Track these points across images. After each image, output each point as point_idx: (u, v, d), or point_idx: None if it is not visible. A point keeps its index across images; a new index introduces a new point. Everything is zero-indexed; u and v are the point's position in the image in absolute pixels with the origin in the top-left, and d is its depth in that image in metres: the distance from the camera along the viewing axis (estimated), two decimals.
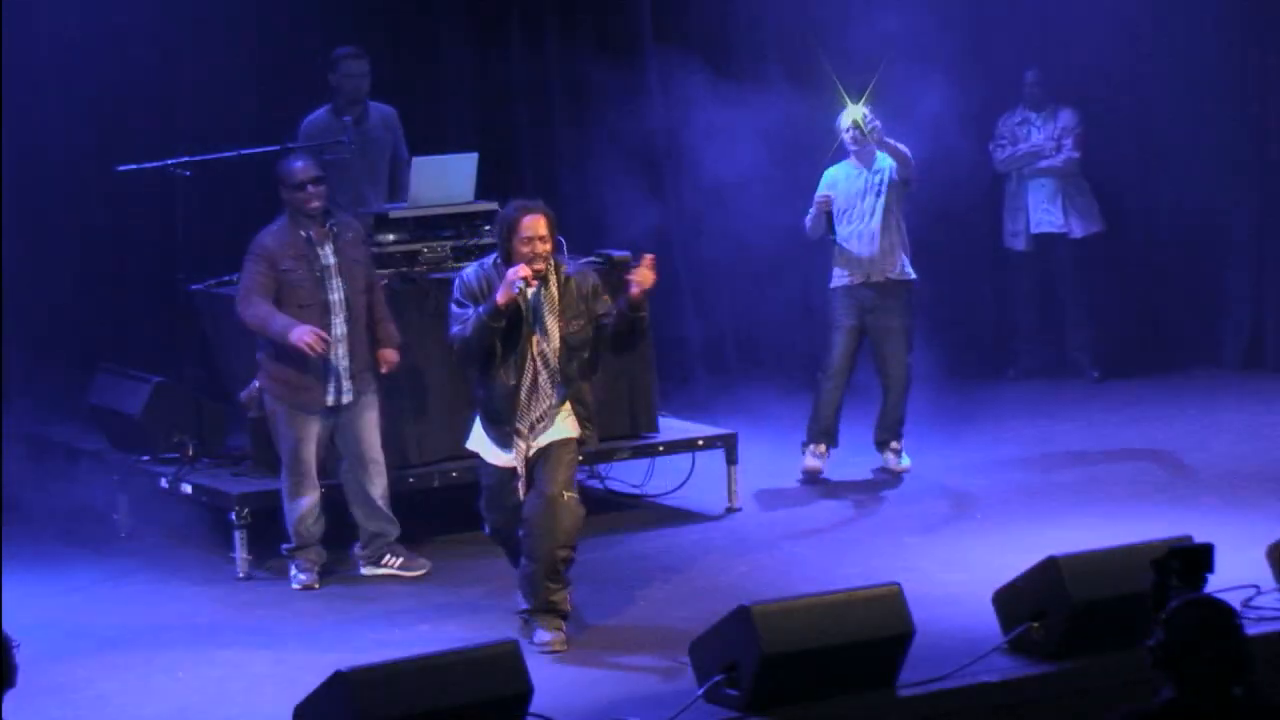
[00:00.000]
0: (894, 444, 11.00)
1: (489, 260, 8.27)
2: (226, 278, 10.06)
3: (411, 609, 8.77)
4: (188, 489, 9.74)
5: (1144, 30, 13.59)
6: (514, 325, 8.10)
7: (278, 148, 10.43)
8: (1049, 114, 13.21)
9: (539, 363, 8.12)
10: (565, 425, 8.23)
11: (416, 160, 10.20)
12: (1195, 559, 5.45)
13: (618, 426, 10.28)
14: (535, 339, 8.11)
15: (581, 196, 12.36)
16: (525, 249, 8.07)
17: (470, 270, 8.30)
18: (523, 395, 8.13)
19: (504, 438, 8.20)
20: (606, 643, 8.24)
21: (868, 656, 7.36)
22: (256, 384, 9.26)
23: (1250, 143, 13.61)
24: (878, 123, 10.70)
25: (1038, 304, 13.52)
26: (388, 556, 9.27)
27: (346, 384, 9.06)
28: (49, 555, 9.76)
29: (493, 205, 10.28)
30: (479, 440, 8.36)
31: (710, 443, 10.50)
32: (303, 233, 9.03)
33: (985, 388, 12.97)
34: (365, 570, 9.29)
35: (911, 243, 11.01)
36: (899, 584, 7.52)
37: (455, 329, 8.18)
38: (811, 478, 10.86)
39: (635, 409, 10.34)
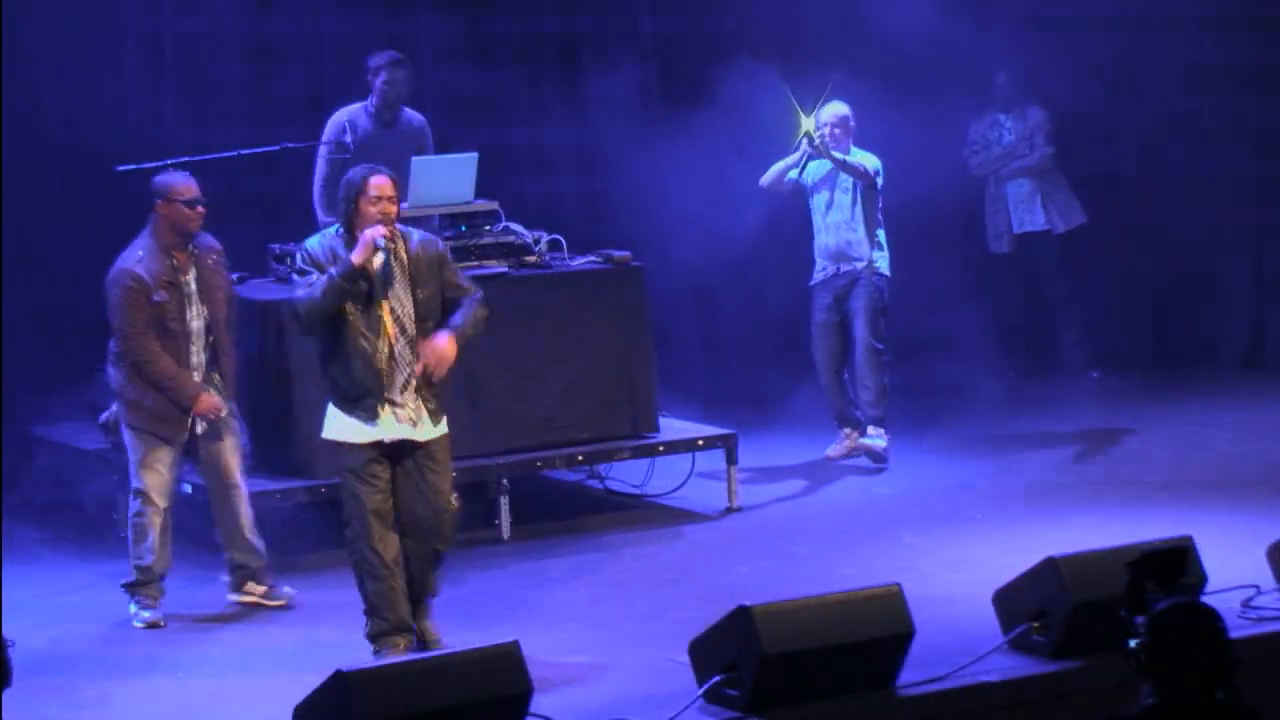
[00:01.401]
0: (870, 428, 11.04)
1: (330, 231, 8.11)
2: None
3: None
4: (188, 489, 9.73)
5: (1142, 28, 13.58)
6: (365, 293, 7.92)
7: (278, 148, 10.45)
8: (1018, 114, 13.23)
9: (395, 329, 7.95)
10: (438, 419, 8.11)
11: (416, 160, 10.21)
12: (1170, 562, 5.44)
13: (618, 426, 10.28)
14: (388, 305, 7.95)
15: (582, 196, 12.37)
16: (374, 209, 7.94)
17: (313, 241, 8.11)
18: (383, 363, 7.93)
19: (368, 412, 7.94)
20: (606, 643, 8.24)
21: (868, 656, 7.36)
22: (115, 408, 8.96)
23: (1250, 141, 13.61)
24: (827, 134, 10.79)
25: (1028, 304, 13.53)
26: (250, 584, 9.00)
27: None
28: (49, 555, 9.76)
29: (493, 205, 10.31)
30: (338, 426, 8.03)
31: (710, 443, 10.50)
32: (170, 260, 8.68)
33: (985, 388, 12.97)
34: (230, 596, 8.99)
35: (900, 244, 11.12)
36: (899, 584, 7.52)
37: (300, 292, 7.93)
38: (835, 459, 11.19)
39: (635, 409, 10.34)
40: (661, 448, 10.37)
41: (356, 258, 7.89)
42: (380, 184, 7.99)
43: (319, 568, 9.32)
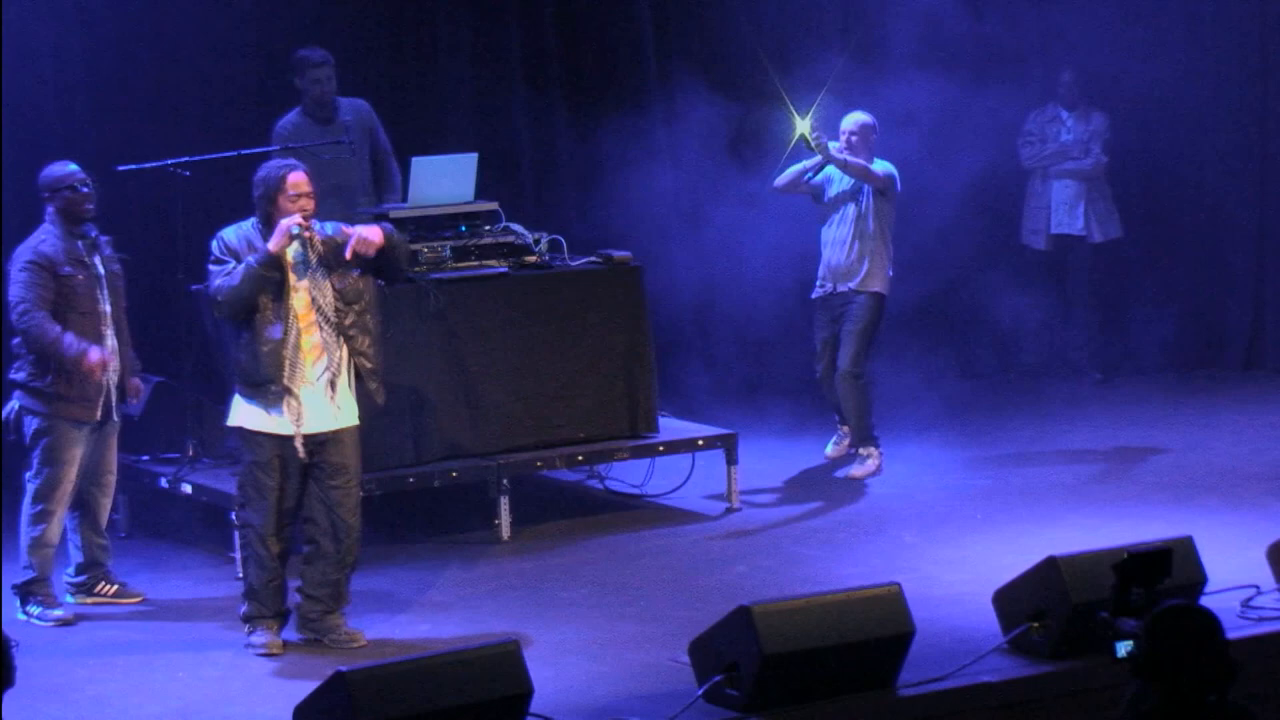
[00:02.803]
0: (859, 449, 11.00)
1: (247, 223, 8.20)
2: None
3: (412, 609, 8.77)
4: (188, 489, 9.75)
5: (1144, 35, 13.59)
6: (277, 282, 8.04)
7: (277, 148, 10.44)
8: (1081, 115, 13.19)
9: (318, 317, 8.07)
10: (351, 409, 8.19)
11: (416, 160, 10.20)
12: (1154, 564, 5.44)
13: (618, 426, 10.28)
14: (307, 296, 8.06)
15: (582, 197, 12.37)
16: (293, 205, 8.07)
17: (228, 231, 8.20)
18: (288, 352, 8.04)
19: (271, 399, 8.05)
20: (606, 643, 8.24)
21: (868, 656, 7.37)
22: (15, 404, 8.76)
23: (1252, 142, 13.61)
24: (843, 142, 10.76)
25: (1046, 302, 13.51)
26: (102, 584, 8.97)
27: (115, 399, 8.76)
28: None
29: (493, 205, 10.31)
30: (246, 413, 8.16)
31: (710, 443, 10.50)
32: (76, 242, 8.68)
33: (987, 387, 12.98)
34: (75, 599, 8.89)
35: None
36: (899, 584, 7.52)
37: (219, 281, 8.04)
38: (835, 458, 11.17)
39: (635, 409, 10.34)
40: (661, 448, 10.37)
41: (274, 245, 8.02)
42: (297, 180, 8.13)
43: None
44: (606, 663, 7.99)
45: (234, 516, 8.21)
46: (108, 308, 8.75)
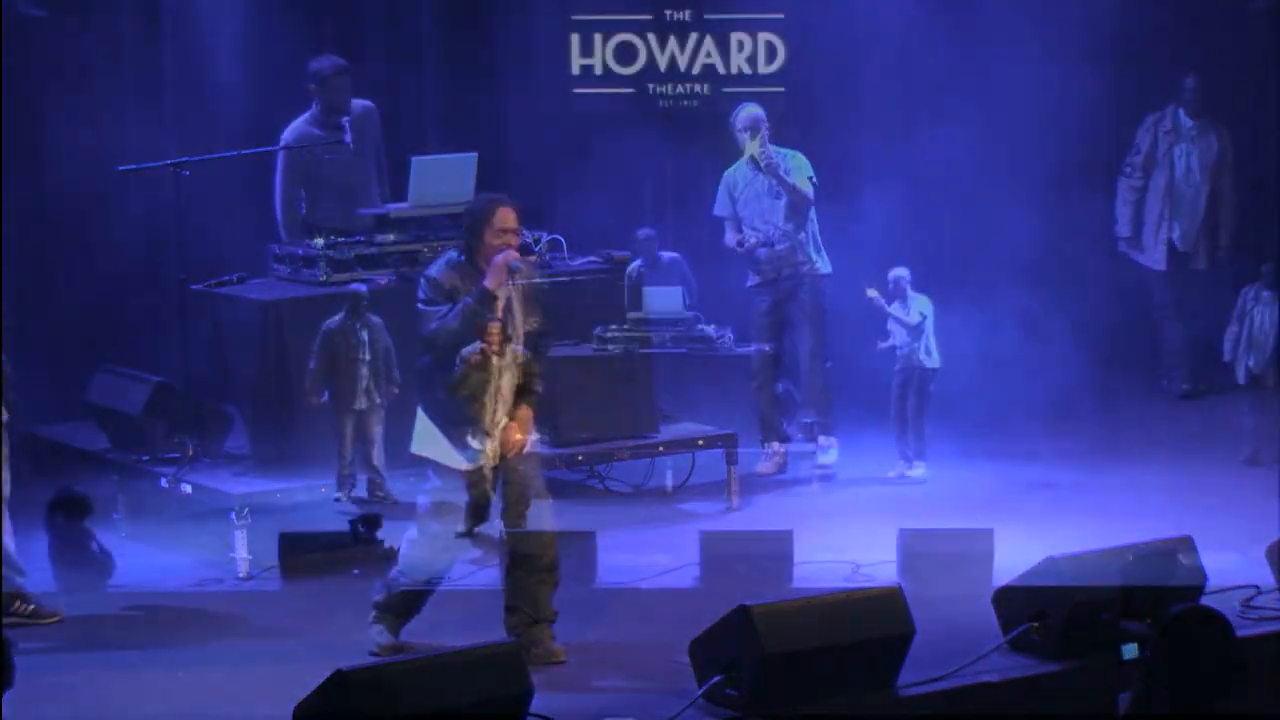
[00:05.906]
0: (822, 437, 10.99)
1: (451, 257, 8.05)
2: (226, 278, 10.07)
3: None
4: (188, 489, 9.74)
5: (1147, 48, 13.60)
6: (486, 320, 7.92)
7: (277, 148, 10.45)
8: (1204, 128, 12.95)
9: (507, 357, 7.96)
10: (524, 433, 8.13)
11: (416, 160, 10.21)
12: (1159, 565, 5.44)
13: (618, 426, 10.27)
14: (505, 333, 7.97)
15: (580, 197, 12.36)
16: (498, 241, 7.90)
17: (435, 269, 8.04)
18: (489, 394, 7.95)
19: (463, 440, 7.96)
20: (607, 643, 8.24)
21: (868, 656, 7.37)
22: None
23: (1250, 142, 13.60)
24: (773, 160, 10.78)
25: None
26: (18, 603, 8.67)
27: None
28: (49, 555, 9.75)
29: None
30: (436, 447, 8.05)
31: (710, 443, 10.49)
32: None
33: (987, 386, 12.96)
34: None
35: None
36: (899, 584, 7.52)
37: (434, 325, 7.88)
38: (769, 473, 10.97)
39: (635, 409, 10.33)
40: (661, 448, 10.37)
41: (491, 282, 7.85)
42: (505, 214, 7.95)
43: (319, 567, 9.31)
44: (606, 663, 7.98)
45: (416, 529, 8.14)
46: None
